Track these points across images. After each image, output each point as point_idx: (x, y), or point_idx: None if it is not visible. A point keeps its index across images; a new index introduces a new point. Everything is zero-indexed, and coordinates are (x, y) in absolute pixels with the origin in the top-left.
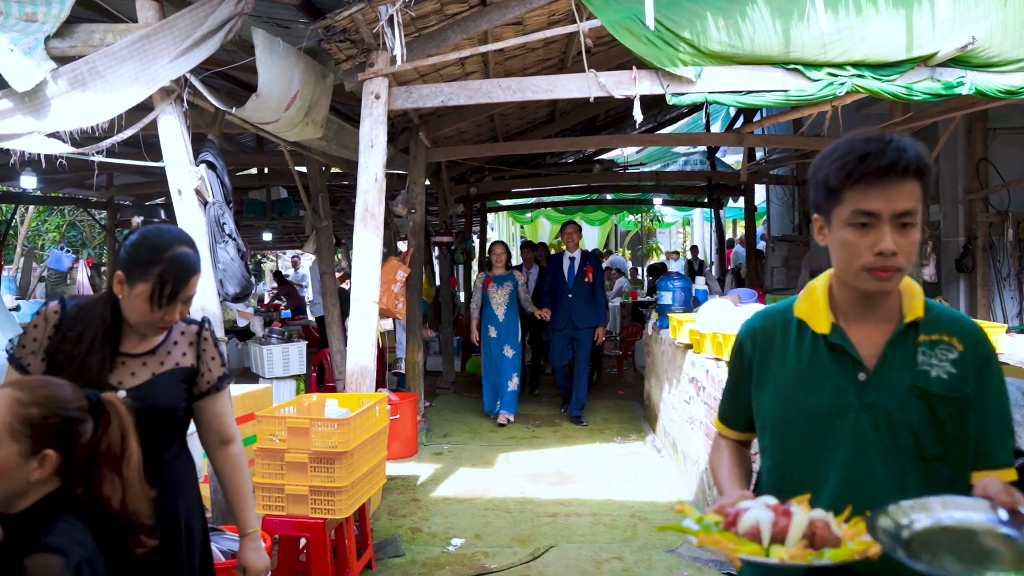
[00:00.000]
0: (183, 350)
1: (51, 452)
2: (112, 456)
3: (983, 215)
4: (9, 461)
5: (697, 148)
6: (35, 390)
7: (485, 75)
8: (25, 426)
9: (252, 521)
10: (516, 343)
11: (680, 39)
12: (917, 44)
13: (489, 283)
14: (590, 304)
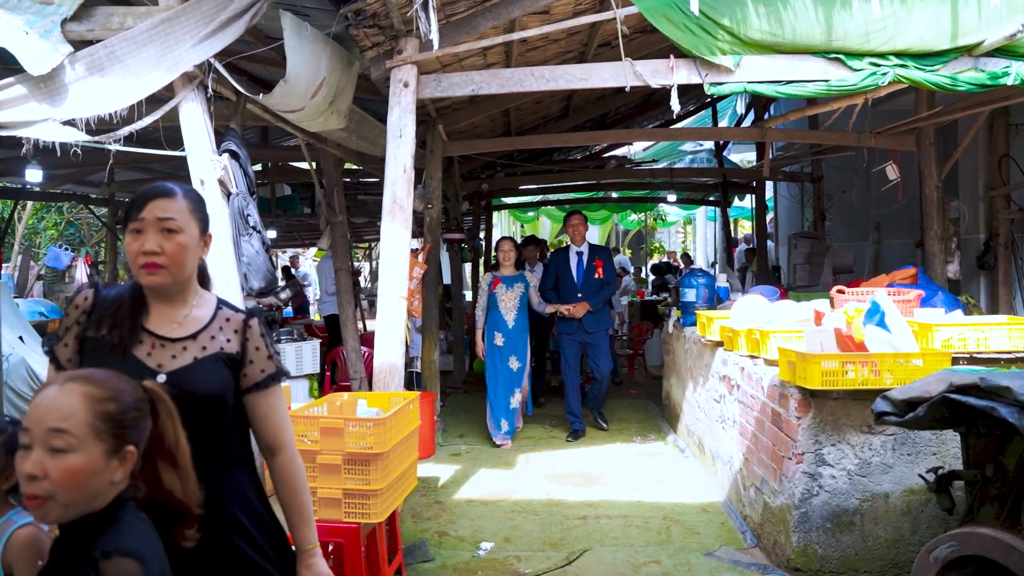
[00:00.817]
0: (227, 336)
1: (132, 448)
2: (166, 446)
3: (1005, 212)
4: (96, 463)
5: (704, 146)
6: (105, 384)
7: (506, 66)
8: (107, 423)
9: (309, 536)
10: (524, 354)
11: (719, 27)
12: (963, 32)
13: (497, 284)
14: (603, 308)
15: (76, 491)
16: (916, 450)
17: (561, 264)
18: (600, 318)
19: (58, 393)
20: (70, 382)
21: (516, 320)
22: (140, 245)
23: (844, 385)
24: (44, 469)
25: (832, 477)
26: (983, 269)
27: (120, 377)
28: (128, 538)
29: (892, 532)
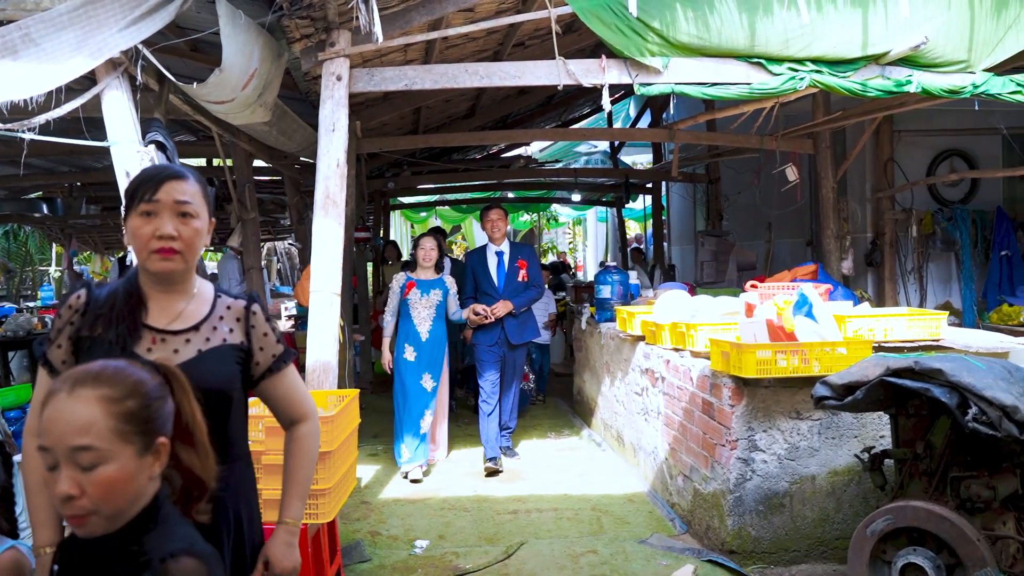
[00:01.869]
0: (229, 326)
1: (163, 440)
2: (183, 423)
3: (890, 212)
4: (131, 468)
5: (598, 147)
6: (119, 379)
7: (425, 63)
8: (131, 423)
9: (296, 511)
10: (439, 372)
11: (650, 29)
12: (872, 42)
13: (411, 288)
14: (527, 312)
15: (118, 501)
16: (839, 434)
17: (478, 266)
18: (526, 327)
19: (71, 403)
20: (79, 387)
21: (432, 331)
22: (155, 228)
23: (776, 373)
24: (80, 487)
25: (764, 462)
26: (870, 266)
27: (130, 364)
28: (179, 537)
29: (818, 512)
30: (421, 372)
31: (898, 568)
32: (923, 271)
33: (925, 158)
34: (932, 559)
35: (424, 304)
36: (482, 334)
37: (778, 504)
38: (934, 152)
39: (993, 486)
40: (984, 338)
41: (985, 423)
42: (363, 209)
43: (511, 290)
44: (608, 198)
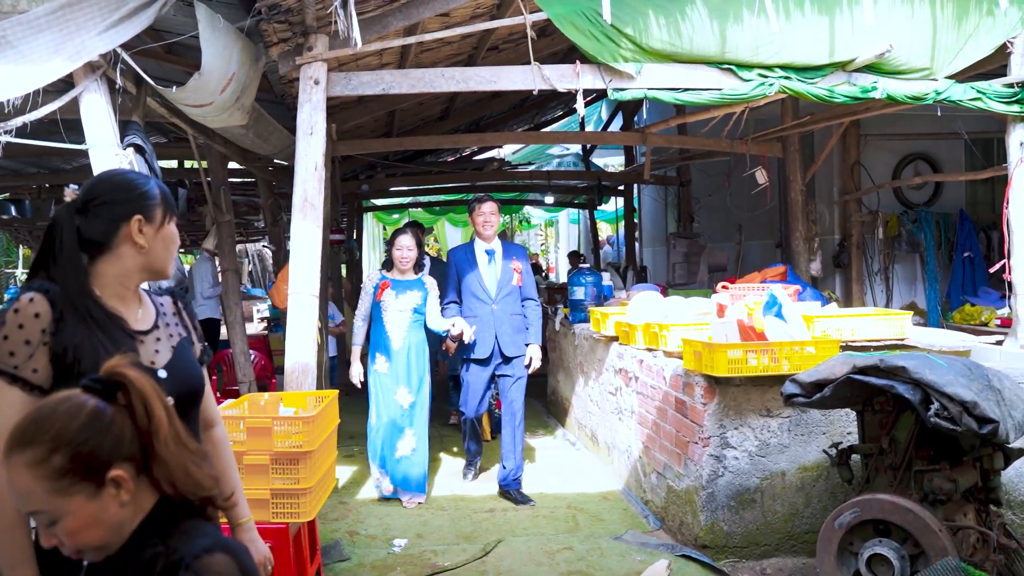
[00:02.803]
0: (175, 320)
1: (115, 472)
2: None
3: (857, 215)
4: (87, 512)
5: (570, 150)
6: (39, 435)
7: (399, 67)
8: (66, 476)
9: (244, 510)
10: (420, 385)
11: (623, 35)
12: (838, 49)
13: (385, 289)
14: (521, 319)
15: (94, 540)
16: (808, 430)
17: (465, 266)
18: (522, 336)
19: (9, 472)
20: (9, 454)
21: (407, 339)
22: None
23: (747, 372)
24: (55, 537)
25: (735, 458)
26: (838, 267)
27: (53, 404)
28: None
29: (788, 507)
30: (396, 385)
31: (865, 559)
32: (889, 272)
33: (891, 161)
34: (897, 549)
35: (400, 306)
36: (469, 346)
37: (749, 500)
38: (899, 156)
39: (954, 479)
40: (947, 337)
41: (946, 418)
42: (337, 211)
43: (505, 295)
44: (580, 200)
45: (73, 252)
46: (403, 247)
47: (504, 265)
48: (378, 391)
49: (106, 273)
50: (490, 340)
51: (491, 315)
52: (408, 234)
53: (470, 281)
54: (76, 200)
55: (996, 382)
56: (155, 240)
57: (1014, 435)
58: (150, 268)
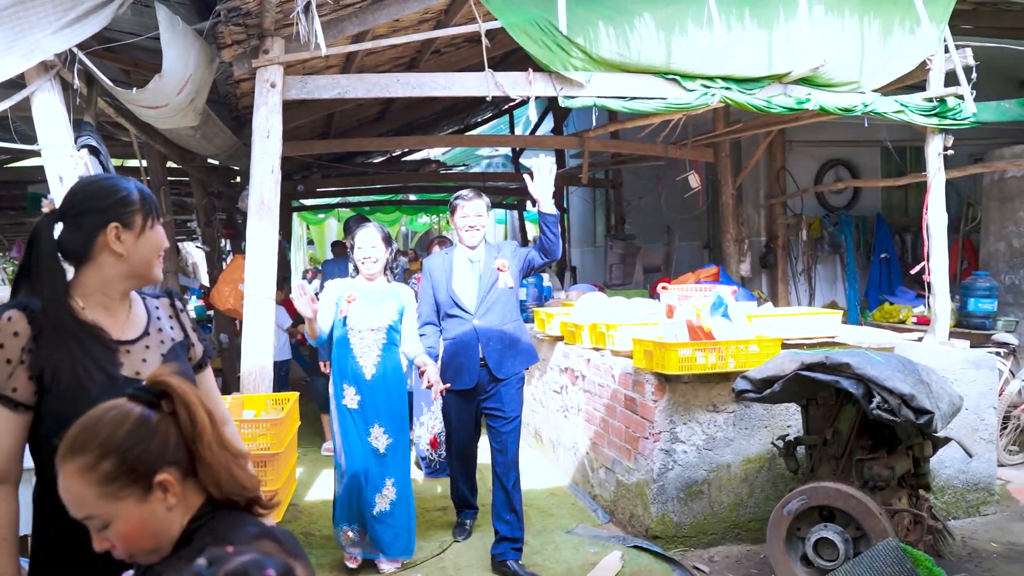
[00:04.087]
0: (169, 324)
1: (161, 476)
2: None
3: (782, 218)
4: (137, 516)
5: (500, 151)
6: (88, 443)
7: (343, 71)
8: (115, 481)
9: None
10: (398, 424)
11: (574, 45)
12: (775, 63)
13: (352, 302)
14: (517, 330)
15: (145, 543)
16: (751, 424)
17: (441, 277)
18: (517, 350)
19: (62, 480)
20: (62, 462)
21: (382, 365)
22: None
23: (696, 369)
24: (108, 541)
25: (684, 452)
26: (764, 268)
27: (100, 412)
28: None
29: (733, 497)
30: (368, 424)
31: (811, 543)
32: (812, 272)
33: (813, 167)
34: (841, 533)
35: (370, 324)
36: (451, 371)
37: (697, 491)
38: (821, 162)
39: (891, 466)
40: (874, 334)
41: (887, 410)
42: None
43: (493, 303)
44: (510, 201)
45: (51, 264)
46: (364, 243)
47: (487, 271)
48: (347, 432)
49: (88, 283)
50: (473, 365)
51: (472, 333)
52: (372, 228)
53: (445, 296)
54: (54, 210)
55: (925, 376)
56: (136, 246)
57: (941, 425)
58: (134, 275)
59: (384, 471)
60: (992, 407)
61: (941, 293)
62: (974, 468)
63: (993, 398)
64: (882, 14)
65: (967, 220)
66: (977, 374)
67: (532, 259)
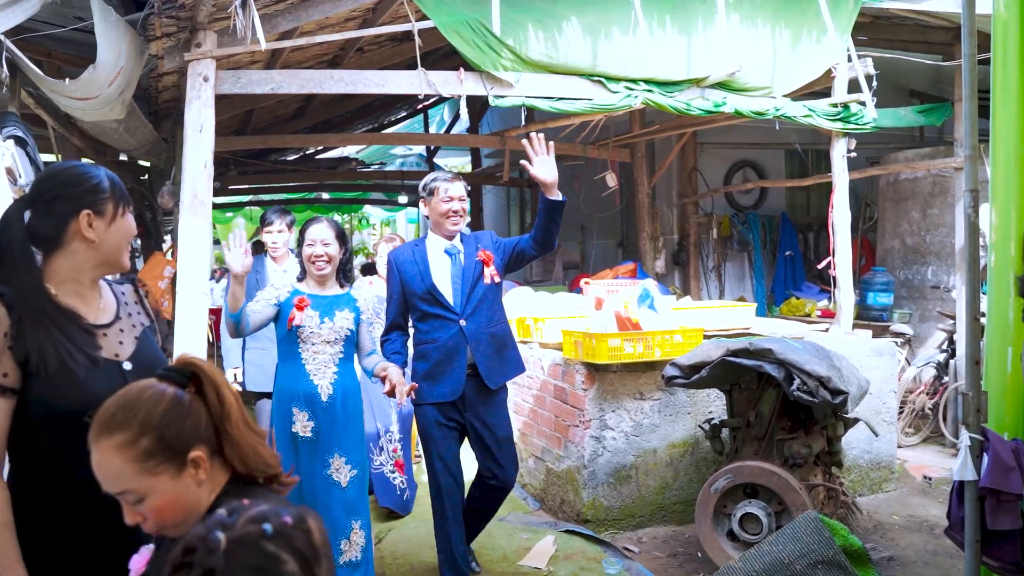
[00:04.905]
0: (136, 309)
1: (195, 453)
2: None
3: (694, 216)
4: (171, 491)
5: (414, 150)
6: (127, 420)
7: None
8: (152, 457)
9: None
10: (360, 452)
11: (504, 46)
12: (694, 67)
13: (303, 309)
14: (506, 331)
15: (176, 517)
16: (675, 411)
17: (413, 273)
18: (507, 362)
19: (98, 456)
20: (98, 438)
21: (339, 383)
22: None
23: (624, 359)
24: (140, 515)
25: (613, 439)
26: (677, 265)
27: (137, 392)
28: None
29: (659, 480)
30: (326, 455)
31: (737, 518)
32: (721, 269)
33: (723, 168)
34: (764, 508)
35: (325, 336)
36: (435, 385)
37: (626, 476)
38: (730, 163)
39: (809, 445)
40: (783, 326)
41: (806, 392)
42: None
43: (477, 303)
44: None
45: (23, 251)
46: (317, 242)
47: (470, 264)
48: (299, 468)
49: (60, 270)
50: (459, 374)
51: (459, 336)
52: (325, 223)
53: (422, 293)
54: (24, 197)
55: (836, 362)
56: (107, 234)
57: (852, 406)
58: (105, 262)
59: (350, 511)
60: (893, 391)
61: (845, 287)
62: (877, 448)
63: (894, 383)
64: (792, 24)
65: (864, 219)
66: (879, 361)
67: (523, 251)
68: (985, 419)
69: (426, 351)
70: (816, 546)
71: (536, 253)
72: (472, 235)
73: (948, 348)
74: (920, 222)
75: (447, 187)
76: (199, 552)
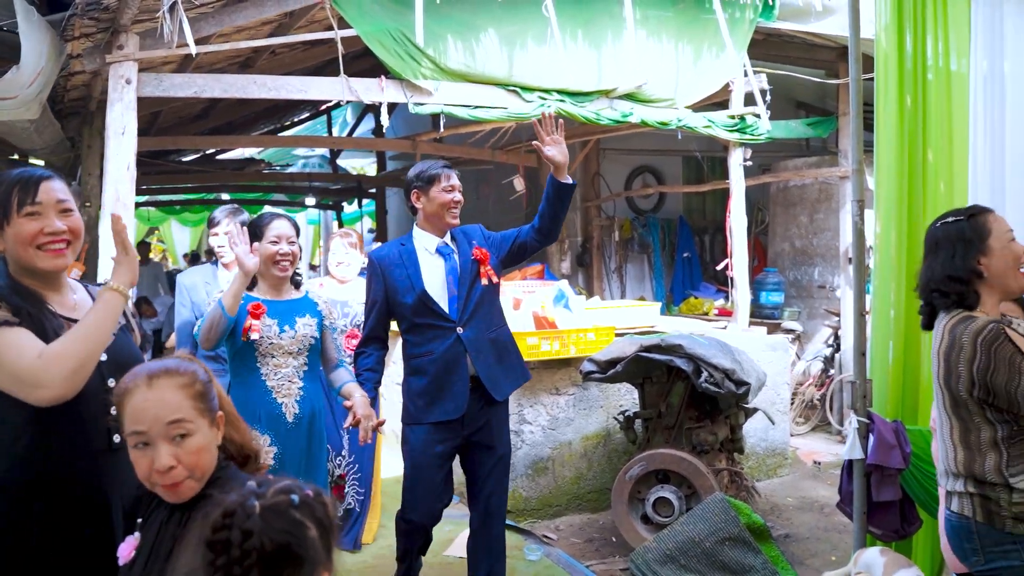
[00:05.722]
0: None
1: (220, 413)
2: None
3: (597, 219)
4: (209, 436)
5: (316, 151)
6: (182, 371)
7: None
8: (201, 400)
9: None
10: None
11: (425, 55)
12: (604, 79)
13: (258, 316)
14: (506, 343)
15: (205, 464)
16: (589, 405)
17: (405, 276)
18: (511, 370)
19: (158, 392)
20: (157, 379)
21: (306, 402)
22: (42, 227)
23: (541, 356)
24: (176, 458)
25: (531, 432)
26: (581, 266)
27: (183, 360)
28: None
29: (574, 472)
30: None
31: (651, 502)
32: (623, 270)
33: (624, 173)
34: (675, 492)
35: (287, 347)
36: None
37: (543, 468)
38: (631, 168)
39: (715, 433)
40: (685, 324)
41: (713, 383)
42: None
43: (475, 308)
44: (326, 201)
45: None
46: (283, 238)
47: (465, 263)
48: None
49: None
50: (462, 388)
51: (459, 346)
52: (286, 220)
53: (413, 302)
54: None
55: (737, 356)
56: (11, 240)
57: (752, 397)
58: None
59: None
60: (786, 383)
61: (742, 286)
62: (772, 436)
63: (787, 376)
64: (694, 40)
65: (757, 223)
66: (774, 356)
67: (525, 244)
68: (871, 404)
69: (422, 365)
70: (723, 524)
71: (540, 244)
72: (460, 230)
73: (834, 343)
74: (808, 226)
75: (451, 176)
76: (238, 515)
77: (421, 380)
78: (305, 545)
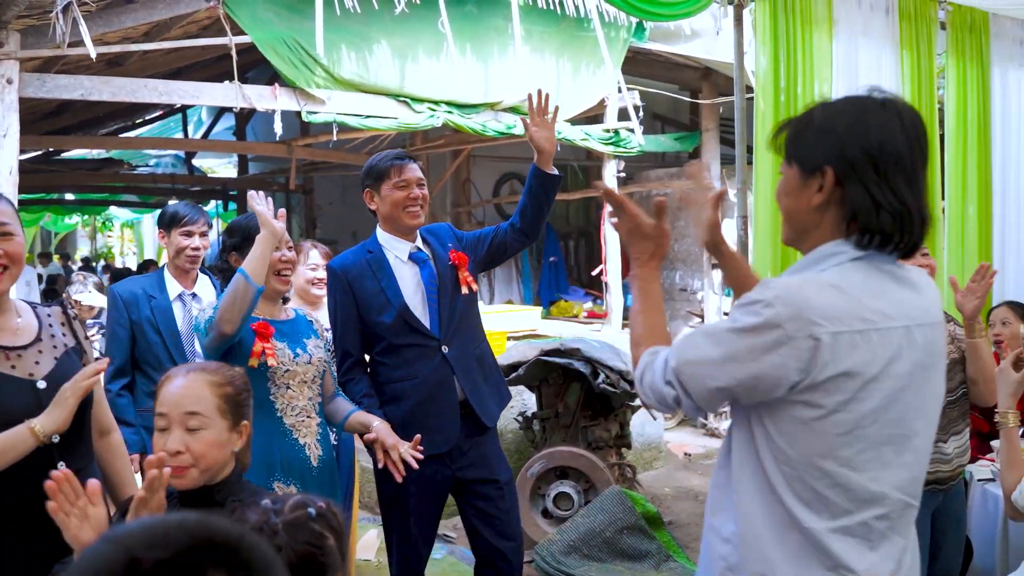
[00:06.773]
0: (61, 331)
1: (247, 423)
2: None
3: (467, 224)
4: (223, 436)
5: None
6: (221, 372)
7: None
8: (227, 403)
9: None
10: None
11: (319, 64)
12: (490, 93)
13: (267, 339)
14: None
15: (211, 460)
16: None
17: (377, 291)
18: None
19: (188, 382)
20: (194, 372)
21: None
22: None
23: None
24: (186, 445)
25: None
26: None
27: (227, 366)
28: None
29: None
30: None
31: (551, 497)
32: (491, 274)
33: (492, 179)
34: (574, 486)
35: (303, 375)
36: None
37: None
38: (499, 175)
39: (608, 430)
40: (565, 327)
41: (610, 384)
42: None
43: (458, 322)
44: None
45: None
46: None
47: (444, 270)
48: None
49: None
50: (451, 415)
51: (444, 366)
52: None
53: (392, 320)
54: None
55: (624, 358)
56: None
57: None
58: None
59: None
60: None
61: (616, 290)
62: (648, 431)
63: None
64: (573, 57)
65: None
66: None
67: (505, 243)
68: None
69: (403, 390)
70: (621, 515)
71: (522, 244)
72: (427, 230)
73: None
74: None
75: (401, 168)
76: (263, 534)
77: (399, 408)
78: (326, 553)
